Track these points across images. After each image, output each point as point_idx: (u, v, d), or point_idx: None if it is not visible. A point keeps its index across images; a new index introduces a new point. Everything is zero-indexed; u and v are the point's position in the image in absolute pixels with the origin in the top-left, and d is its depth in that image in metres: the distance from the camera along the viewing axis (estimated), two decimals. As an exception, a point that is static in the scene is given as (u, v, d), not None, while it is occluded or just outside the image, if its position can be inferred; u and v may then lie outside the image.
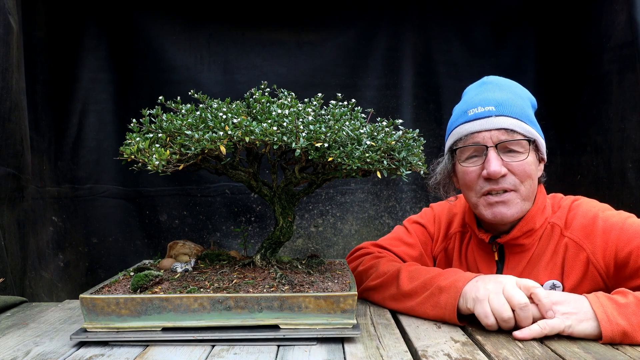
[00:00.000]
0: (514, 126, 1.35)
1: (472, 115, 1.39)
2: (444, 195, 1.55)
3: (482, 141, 1.37)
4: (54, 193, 2.51)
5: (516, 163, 1.35)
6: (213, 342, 1.09)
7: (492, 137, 1.35)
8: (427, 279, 1.28)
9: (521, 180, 1.36)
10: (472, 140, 1.38)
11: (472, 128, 1.38)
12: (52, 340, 1.14)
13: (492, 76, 1.50)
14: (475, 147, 1.39)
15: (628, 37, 2.17)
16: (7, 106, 1.70)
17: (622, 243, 1.28)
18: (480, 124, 1.37)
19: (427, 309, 1.25)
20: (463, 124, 1.41)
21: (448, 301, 1.20)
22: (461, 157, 1.43)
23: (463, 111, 1.43)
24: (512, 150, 1.36)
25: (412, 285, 1.29)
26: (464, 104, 1.46)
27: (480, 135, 1.37)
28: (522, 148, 1.36)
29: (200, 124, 1.14)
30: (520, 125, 1.36)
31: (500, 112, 1.37)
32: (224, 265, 1.33)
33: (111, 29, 2.72)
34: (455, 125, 1.45)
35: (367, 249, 1.61)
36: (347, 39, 2.87)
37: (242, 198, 2.87)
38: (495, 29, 2.91)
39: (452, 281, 1.22)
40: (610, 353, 1.02)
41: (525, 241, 1.42)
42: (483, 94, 1.43)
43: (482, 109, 1.38)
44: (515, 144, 1.36)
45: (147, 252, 2.81)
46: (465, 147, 1.41)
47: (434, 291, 1.24)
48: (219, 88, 2.78)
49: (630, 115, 2.18)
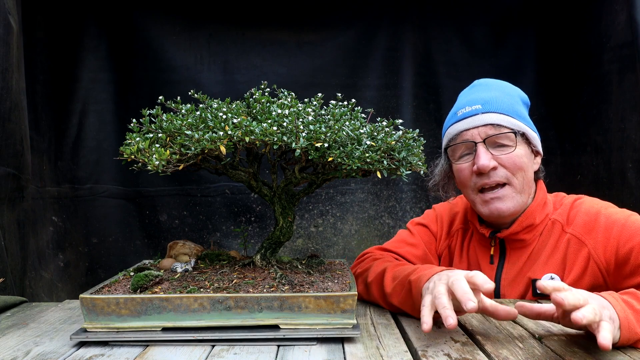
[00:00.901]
0: (500, 121, 1.40)
1: (461, 115, 1.46)
2: (443, 196, 1.59)
3: (470, 138, 1.42)
4: (54, 193, 2.51)
5: (505, 156, 1.39)
6: (213, 342, 1.09)
7: (480, 133, 1.41)
8: (404, 276, 1.27)
9: (512, 173, 1.40)
10: (462, 138, 1.44)
11: (461, 127, 1.44)
12: (52, 340, 1.14)
13: (483, 79, 1.57)
14: (466, 145, 1.44)
15: (628, 37, 2.17)
16: (7, 106, 1.70)
17: (623, 240, 1.29)
18: (467, 122, 1.43)
19: (407, 307, 1.25)
20: (453, 124, 1.48)
21: (416, 295, 1.18)
22: (454, 156, 1.49)
23: (453, 113, 1.50)
24: (501, 144, 1.41)
25: (393, 285, 1.30)
26: (455, 106, 1.53)
27: (468, 133, 1.43)
28: (510, 141, 1.40)
29: (200, 124, 1.14)
30: (507, 120, 1.41)
31: (486, 109, 1.42)
32: (224, 265, 1.33)
33: (111, 29, 2.72)
34: (447, 127, 1.52)
35: (371, 254, 1.62)
36: (347, 39, 2.87)
37: (242, 198, 2.87)
38: (495, 29, 2.91)
39: (418, 276, 1.20)
40: (610, 353, 1.02)
41: (525, 236, 1.44)
42: (471, 95, 1.49)
43: (469, 108, 1.45)
44: (503, 137, 1.40)
45: (147, 252, 2.81)
46: (456, 146, 1.47)
47: (407, 287, 1.23)
48: (219, 88, 2.78)
49: (630, 115, 2.18)
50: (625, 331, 0.99)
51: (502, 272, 1.47)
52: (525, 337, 1.12)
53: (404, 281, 1.26)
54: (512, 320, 1.20)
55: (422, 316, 1.05)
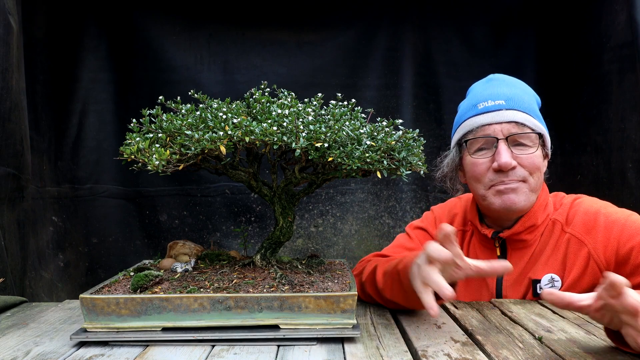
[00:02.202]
0: (524, 120, 1.38)
1: (483, 108, 1.42)
2: (450, 189, 1.56)
3: (492, 133, 1.39)
4: (54, 193, 2.51)
5: (525, 156, 1.37)
6: (213, 342, 1.09)
7: (503, 129, 1.38)
8: (392, 268, 1.26)
9: (530, 173, 1.38)
10: (483, 132, 1.40)
11: (483, 120, 1.40)
12: (52, 340, 1.14)
13: (497, 74, 1.53)
14: (486, 139, 1.40)
15: (628, 37, 2.17)
16: (7, 106, 1.70)
17: (623, 239, 1.29)
18: (491, 116, 1.40)
19: (400, 298, 1.24)
20: (473, 117, 1.43)
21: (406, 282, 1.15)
22: (471, 149, 1.44)
23: (472, 105, 1.45)
24: (521, 143, 1.39)
25: (384, 279, 1.30)
26: (472, 98, 1.48)
27: (491, 128, 1.39)
28: (531, 142, 1.39)
29: (200, 124, 1.14)
30: (530, 120, 1.39)
31: (510, 106, 1.39)
32: (224, 265, 1.33)
33: (111, 29, 2.71)
34: (465, 119, 1.46)
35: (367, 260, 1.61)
36: (347, 39, 2.87)
37: (242, 198, 2.87)
38: (495, 29, 2.91)
39: (405, 263, 1.19)
40: (610, 353, 1.02)
41: (527, 237, 1.44)
42: (491, 89, 1.45)
43: (492, 102, 1.41)
44: (525, 137, 1.38)
45: (147, 252, 2.81)
46: (475, 139, 1.42)
47: (396, 277, 1.22)
48: (219, 88, 2.78)
49: (630, 115, 2.18)
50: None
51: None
52: (525, 337, 1.12)
53: (393, 273, 1.24)
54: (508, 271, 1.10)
55: (425, 303, 1.02)
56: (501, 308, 1.35)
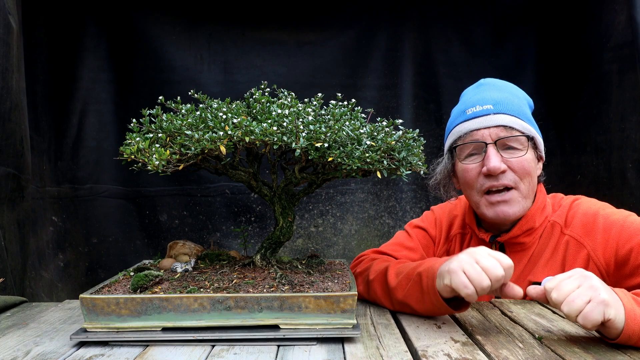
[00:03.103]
0: (512, 123, 1.38)
1: (471, 114, 1.42)
2: (444, 196, 1.56)
3: (481, 138, 1.39)
4: (54, 193, 2.51)
5: (515, 159, 1.37)
6: (213, 342, 1.09)
7: (491, 134, 1.38)
8: (410, 270, 1.28)
9: (520, 177, 1.38)
10: (472, 137, 1.41)
11: (471, 126, 1.41)
12: (52, 340, 1.14)
13: (488, 78, 1.54)
14: (475, 145, 1.41)
15: (628, 37, 2.17)
16: (7, 106, 1.70)
17: (623, 240, 1.29)
18: (479, 121, 1.40)
19: (412, 299, 1.25)
20: (462, 123, 1.44)
21: (428, 283, 1.19)
22: (461, 155, 1.45)
23: (461, 111, 1.46)
24: (511, 147, 1.38)
25: (398, 279, 1.30)
26: (462, 104, 1.49)
27: (479, 133, 1.39)
28: (520, 145, 1.39)
29: (200, 124, 1.14)
30: (518, 123, 1.39)
31: (498, 110, 1.39)
32: (224, 265, 1.33)
33: (111, 29, 2.72)
34: (454, 125, 1.47)
35: (367, 256, 1.61)
36: (347, 39, 2.87)
37: (242, 198, 2.87)
38: (495, 29, 2.92)
39: (429, 265, 1.23)
40: (610, 353, 1.02)
41: (525, 239, 1.43)
42: (480, 93, 1.46)
43: (480, 107, 1.41)
44: (514, 140, 1.38)
45: (147, 252, 2.81)
46: (464, 145, 1.43)
47: (415, 279, 1.24)
48: (219, 88, 2.78)
49: (630, 115, 2.18)
50: (631, 322, 1.00)
51: None
52: (525, 337, 1.12)
53: (410, 274, 1.26)
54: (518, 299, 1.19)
55: (467, 296, 1.09)
56: (501, 308, 1.35)
